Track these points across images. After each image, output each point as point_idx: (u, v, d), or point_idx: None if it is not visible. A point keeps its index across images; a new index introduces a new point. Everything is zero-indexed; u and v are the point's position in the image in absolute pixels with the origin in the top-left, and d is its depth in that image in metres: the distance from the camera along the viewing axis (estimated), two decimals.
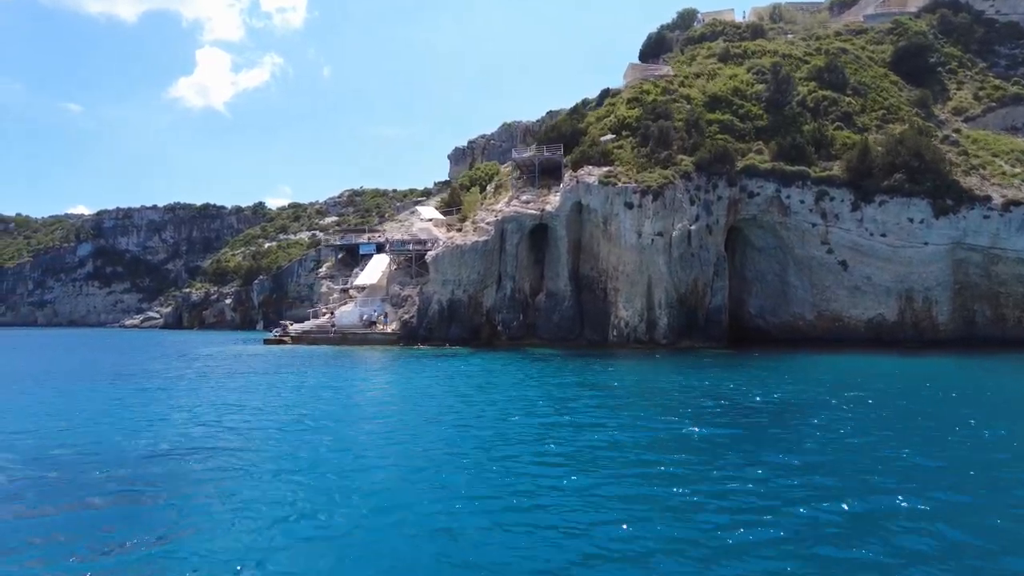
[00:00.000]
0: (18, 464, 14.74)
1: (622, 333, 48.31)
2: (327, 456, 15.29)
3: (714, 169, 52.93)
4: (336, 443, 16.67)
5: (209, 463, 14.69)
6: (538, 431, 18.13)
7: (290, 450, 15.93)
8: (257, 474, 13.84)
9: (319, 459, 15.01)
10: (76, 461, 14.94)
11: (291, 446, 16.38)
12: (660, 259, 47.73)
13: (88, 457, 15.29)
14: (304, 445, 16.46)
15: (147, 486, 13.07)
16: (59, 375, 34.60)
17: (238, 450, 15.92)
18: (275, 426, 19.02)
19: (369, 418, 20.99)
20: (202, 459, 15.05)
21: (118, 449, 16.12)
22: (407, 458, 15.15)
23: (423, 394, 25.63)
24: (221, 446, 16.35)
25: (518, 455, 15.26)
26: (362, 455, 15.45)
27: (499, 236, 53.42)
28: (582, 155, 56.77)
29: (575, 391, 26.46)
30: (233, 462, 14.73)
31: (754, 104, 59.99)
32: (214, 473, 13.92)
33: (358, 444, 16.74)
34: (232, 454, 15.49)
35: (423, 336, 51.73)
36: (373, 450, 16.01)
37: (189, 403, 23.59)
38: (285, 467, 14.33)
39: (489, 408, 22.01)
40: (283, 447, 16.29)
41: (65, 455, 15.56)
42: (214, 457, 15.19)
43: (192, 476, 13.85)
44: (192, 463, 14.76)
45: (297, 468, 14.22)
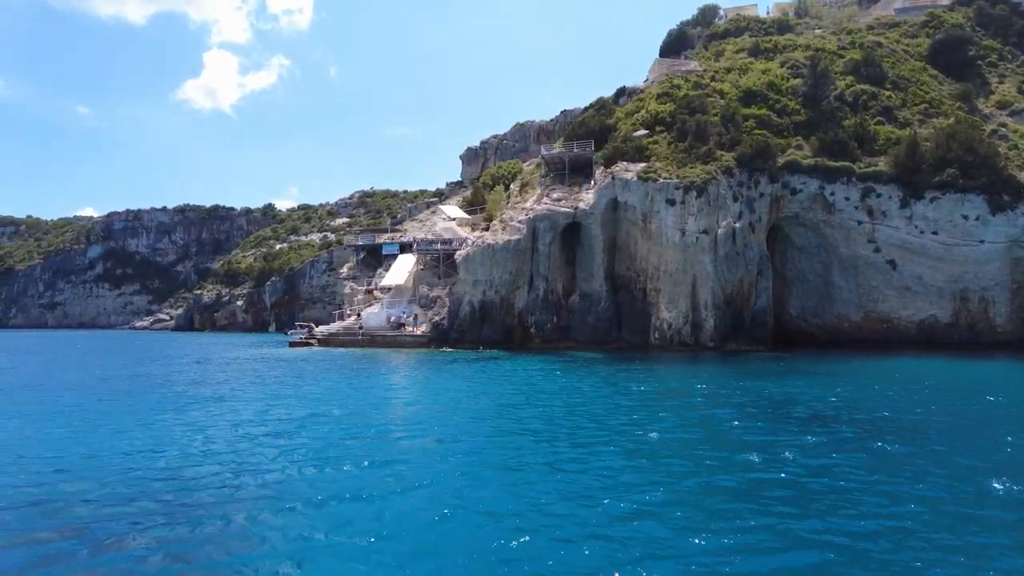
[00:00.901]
0: (116, 500, 12.22)
1: (665, 335, 45.69)
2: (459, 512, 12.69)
3: (755, 165, 50.39)
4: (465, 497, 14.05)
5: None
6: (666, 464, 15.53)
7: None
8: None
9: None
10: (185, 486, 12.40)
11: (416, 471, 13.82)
12: (706, 258, 45.09)
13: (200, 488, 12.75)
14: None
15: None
16: (95, 384, 31.61)
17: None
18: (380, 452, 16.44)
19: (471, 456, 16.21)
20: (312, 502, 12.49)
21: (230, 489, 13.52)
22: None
23: (502, 427, 20.10)
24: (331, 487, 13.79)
25: (649, 507, 12.63)
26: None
27: (531, 235, 50.85)
28: (615, 151, 54.25)
29: (651, 405, 23.85)
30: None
31: (790, 99, 57.43)
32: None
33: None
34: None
35: (454, 338, 49.11)
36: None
37: (260, 419, 20.99)
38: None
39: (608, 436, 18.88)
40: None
41: (161, 487, 13.02)
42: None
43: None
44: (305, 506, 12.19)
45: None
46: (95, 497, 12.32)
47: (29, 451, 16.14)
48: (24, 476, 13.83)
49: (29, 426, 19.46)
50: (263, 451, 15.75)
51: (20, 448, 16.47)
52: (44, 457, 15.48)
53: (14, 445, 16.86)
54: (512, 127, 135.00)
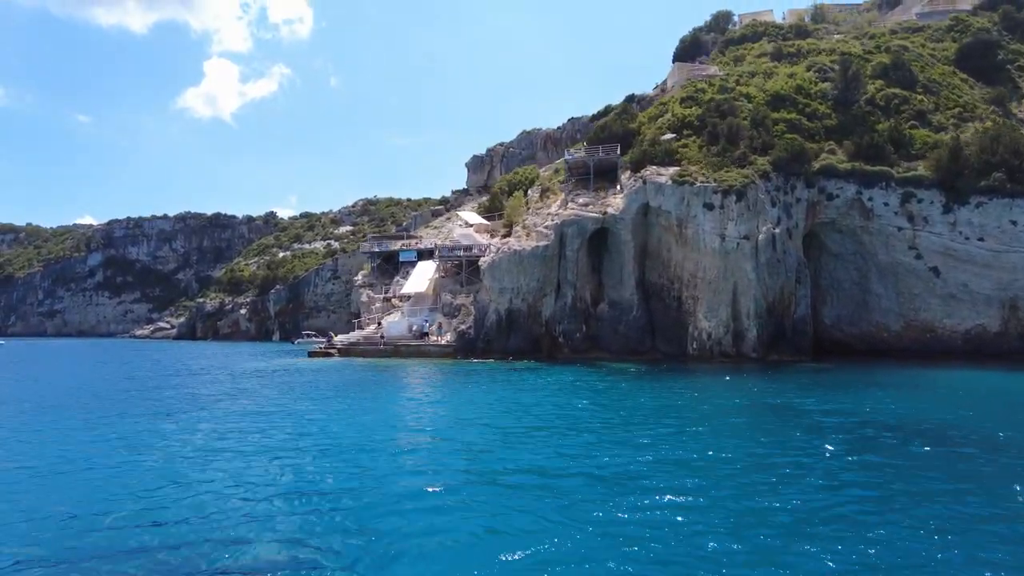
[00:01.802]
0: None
1: (704, 345, 43.32)
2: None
3: (791, 169, 48.29)
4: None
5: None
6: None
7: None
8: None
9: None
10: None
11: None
12: (747, 265, 42.80)
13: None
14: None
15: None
16: (119, 404, 27.06)
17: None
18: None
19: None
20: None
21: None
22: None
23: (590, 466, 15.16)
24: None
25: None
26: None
27: (558, 241, 48.55)
28: (644, 154, 52.00)
29: (739, 432, 21.45)
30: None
31: (820, 103, 55.44)
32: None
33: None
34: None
35: (481, 348, 46.63)
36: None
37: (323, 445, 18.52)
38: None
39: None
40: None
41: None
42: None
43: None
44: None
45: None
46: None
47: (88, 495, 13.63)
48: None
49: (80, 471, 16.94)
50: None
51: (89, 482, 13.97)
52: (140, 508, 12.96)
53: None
54: (518, 135, 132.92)
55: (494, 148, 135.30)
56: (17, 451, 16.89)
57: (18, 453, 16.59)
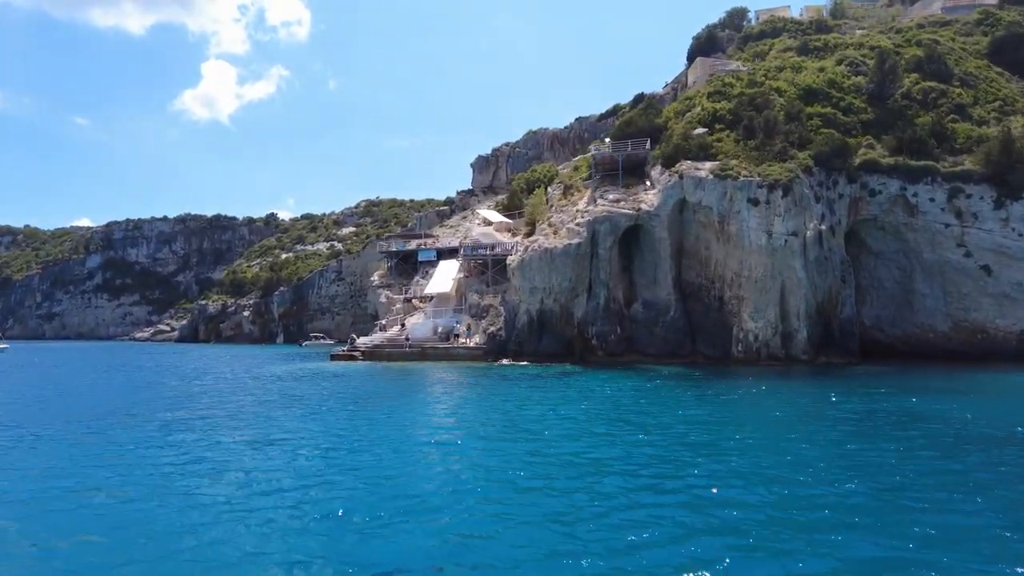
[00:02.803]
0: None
1: (750, 348, 40.76)
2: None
3: (833, 164, 45.90)
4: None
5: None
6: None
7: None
8: None
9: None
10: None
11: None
12: (796, 262, 40.28)
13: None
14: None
15: None
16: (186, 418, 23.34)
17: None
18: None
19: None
20: None
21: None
22: None
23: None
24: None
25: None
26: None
27: (590, 239, 45.96)
28: (676, 148, 49.45)
29: (833, 443, 18.84)
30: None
31: (854, 96, 53.10)
32: None
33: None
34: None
35: (513, 350, 43.97)
36: None
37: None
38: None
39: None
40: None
41: None
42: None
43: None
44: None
45: None
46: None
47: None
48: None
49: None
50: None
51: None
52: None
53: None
54: (524, 135, 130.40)
55: (500, 148, 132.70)
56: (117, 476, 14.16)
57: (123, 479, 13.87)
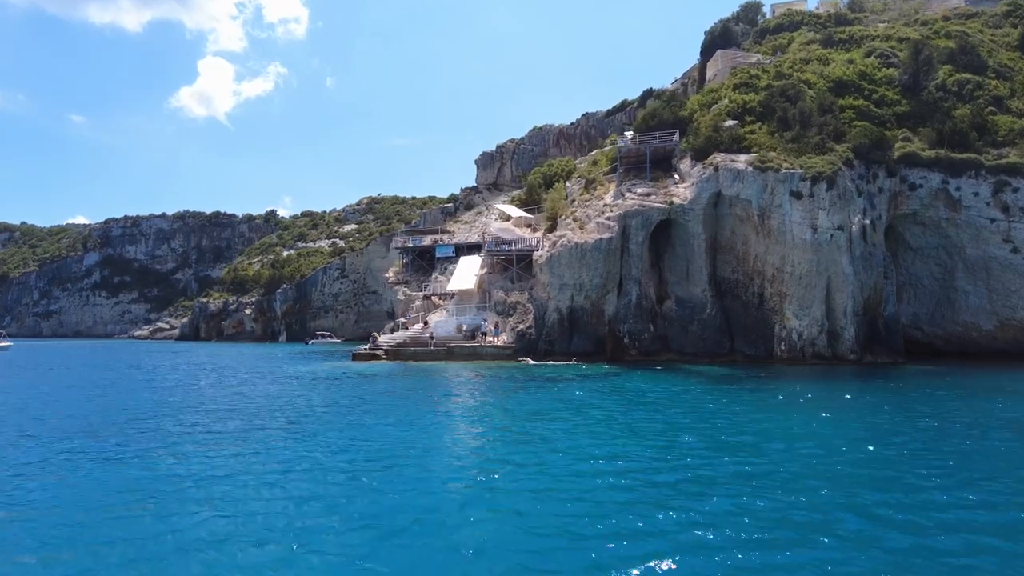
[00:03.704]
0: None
1: (794, 346, 38.75)
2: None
3: (872, 157, 43.97)
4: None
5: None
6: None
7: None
8: None
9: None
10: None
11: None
12: (842, 258, 38.27)
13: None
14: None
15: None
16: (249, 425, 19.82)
17: None
18: None
19: None
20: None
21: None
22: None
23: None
24: None
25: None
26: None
27: (621, 233, 43.90)
28: (707, 141, 47.43)
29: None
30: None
31: (887, 88, 51.19)
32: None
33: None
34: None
35: (544, 349, 41.84)
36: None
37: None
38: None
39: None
40: None
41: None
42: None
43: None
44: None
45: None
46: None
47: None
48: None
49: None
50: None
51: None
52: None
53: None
54: (529, 131, 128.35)
55: (504, 145, 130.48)
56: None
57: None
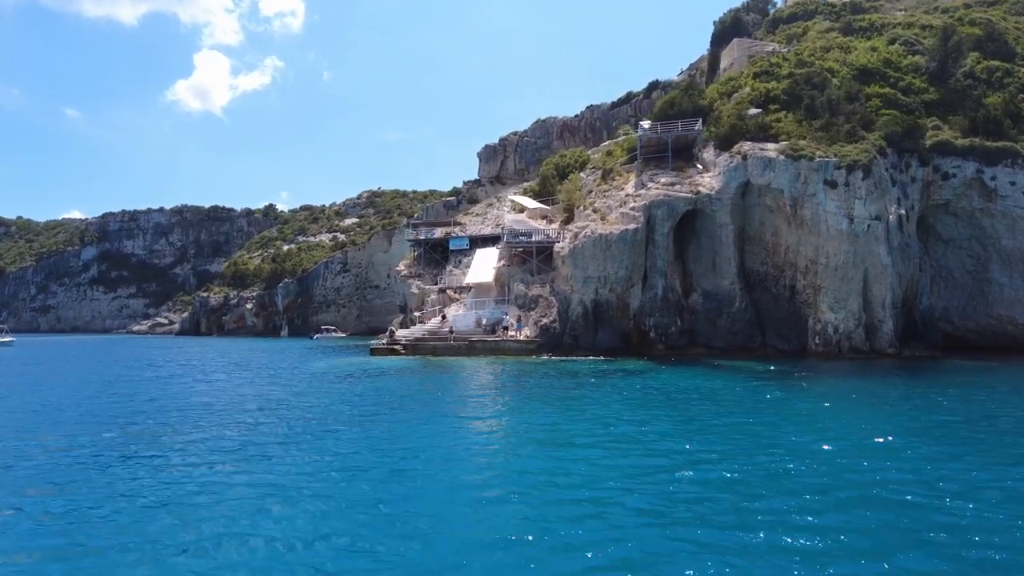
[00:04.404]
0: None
1: (829, 340, 37.21)
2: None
3: (904, 146, 42.48)
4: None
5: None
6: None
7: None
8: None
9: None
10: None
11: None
12: (880, 249, 36.72)
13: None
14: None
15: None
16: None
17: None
18: None
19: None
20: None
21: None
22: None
23: None
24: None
25: None
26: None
27: (646, 224, 42.29)
28: (732, 129, 45.86)
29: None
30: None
31: (914, 76, 49.67)
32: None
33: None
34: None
35: (568, 344, 40.23)
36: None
37: None
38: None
39: None
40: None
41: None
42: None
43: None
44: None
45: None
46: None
47: None
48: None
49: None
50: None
51: None
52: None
53: None
54: (533, 123, 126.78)
55: (507, 137, 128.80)
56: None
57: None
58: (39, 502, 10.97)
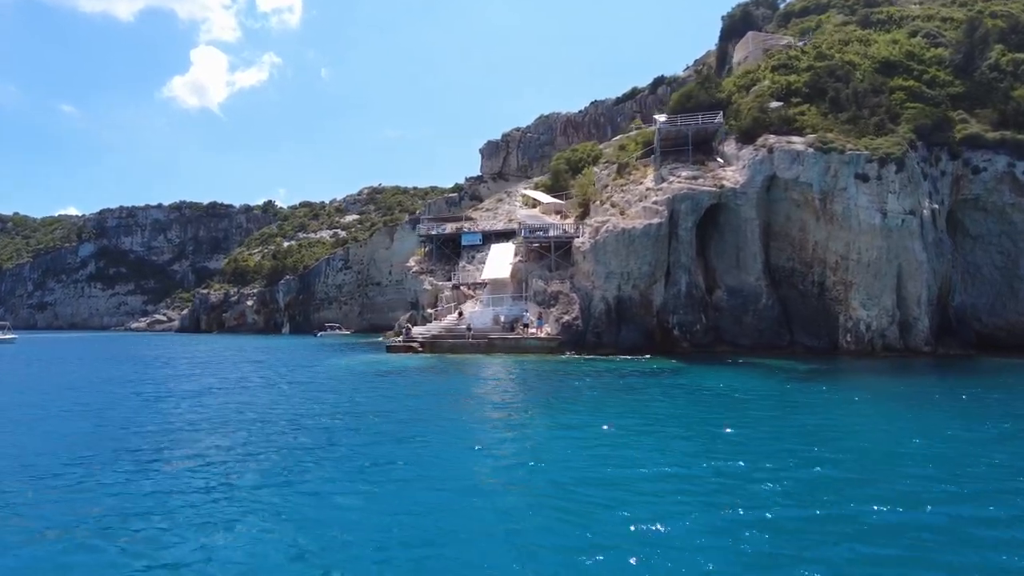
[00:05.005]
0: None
1: (861, 338, 35.98)
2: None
3: (934, 139, 41.29)
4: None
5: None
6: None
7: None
8: None
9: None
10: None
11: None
12: (915, 244, 35.50)
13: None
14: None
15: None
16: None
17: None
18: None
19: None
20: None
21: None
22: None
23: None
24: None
25: None
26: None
27: (669, 219, 41.00)
28: (755, 122, 44.62)
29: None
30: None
31: (938, 69, 48.48)
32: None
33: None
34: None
35: (592, 342, 38.90)
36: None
37: None
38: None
39: None
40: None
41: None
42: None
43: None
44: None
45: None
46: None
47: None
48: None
49: None
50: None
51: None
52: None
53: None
54: (536, 119, 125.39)
55: (510, 133, 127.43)
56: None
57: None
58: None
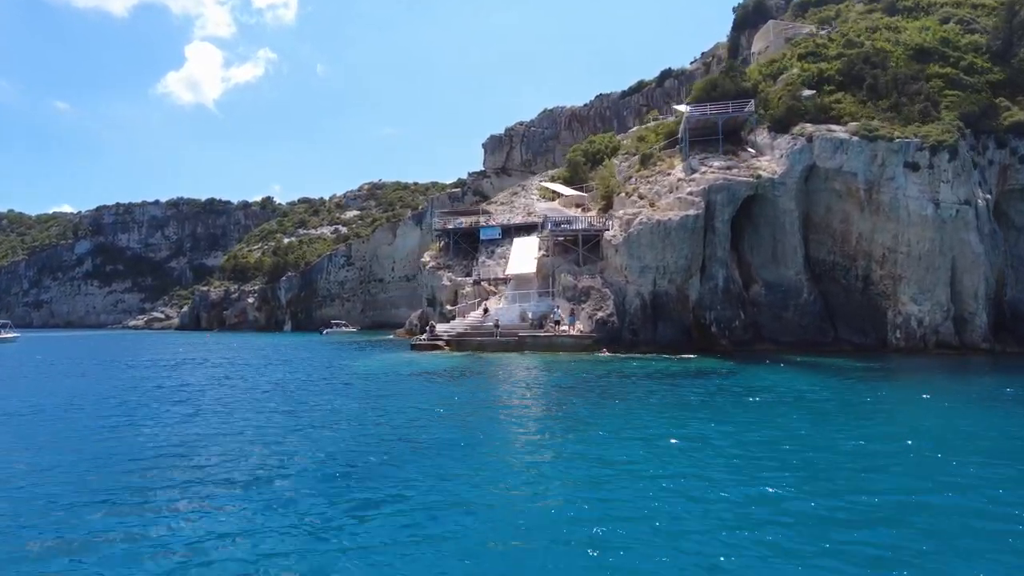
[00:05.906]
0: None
1: (913, 335, 34.14)
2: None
3: (981, 126, 39.52)
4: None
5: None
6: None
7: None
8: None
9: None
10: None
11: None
12: (971, 236, 33.68)
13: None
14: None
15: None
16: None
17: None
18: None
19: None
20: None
21: None
22: None
23: None
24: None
25: None
26: None
27: (705, 210, 39.08)
28: (789, 111, 42.78)
29: None
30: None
31: (975, 56, 46.71)
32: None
33: None
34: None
35: (628, 339, 36.94)
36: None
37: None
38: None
39: None
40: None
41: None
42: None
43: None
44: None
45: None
46: None
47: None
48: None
49: None
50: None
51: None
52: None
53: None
54: (540, 113, 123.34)
55: (513, 128, 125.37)
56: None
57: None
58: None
